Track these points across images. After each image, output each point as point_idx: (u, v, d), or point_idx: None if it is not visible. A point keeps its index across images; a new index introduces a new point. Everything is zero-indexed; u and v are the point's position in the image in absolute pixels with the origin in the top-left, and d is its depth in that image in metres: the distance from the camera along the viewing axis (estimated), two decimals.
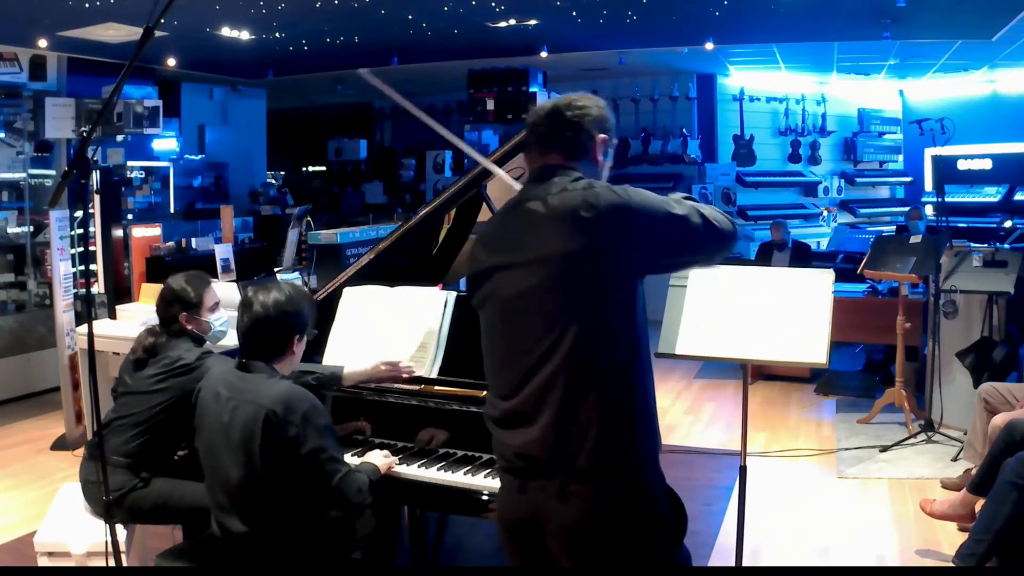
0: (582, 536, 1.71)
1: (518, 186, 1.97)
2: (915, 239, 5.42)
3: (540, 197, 1.82)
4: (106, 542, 2.30)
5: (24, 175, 6.91)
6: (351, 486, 2.31)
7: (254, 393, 2.29)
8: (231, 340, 4.07)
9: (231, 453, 2.30)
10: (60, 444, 5.13)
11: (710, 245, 1.88)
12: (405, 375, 2.65)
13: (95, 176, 5.80)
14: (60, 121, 6.56)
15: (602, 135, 1.92)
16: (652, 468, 1.78)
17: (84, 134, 6.03)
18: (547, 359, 1.73)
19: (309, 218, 5.84)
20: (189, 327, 2.96)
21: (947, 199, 6.02)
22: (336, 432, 2.39)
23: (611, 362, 1.73)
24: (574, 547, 1.72)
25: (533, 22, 6.77)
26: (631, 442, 1.73)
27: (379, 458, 2.47)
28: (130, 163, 7.59)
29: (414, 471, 2.49)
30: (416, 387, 2.66)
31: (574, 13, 6.46)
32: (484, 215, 3.16)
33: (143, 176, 7.96)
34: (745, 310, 2.64)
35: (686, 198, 1.91)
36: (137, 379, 2.91)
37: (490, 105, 7.70)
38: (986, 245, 5.42)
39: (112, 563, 2.31)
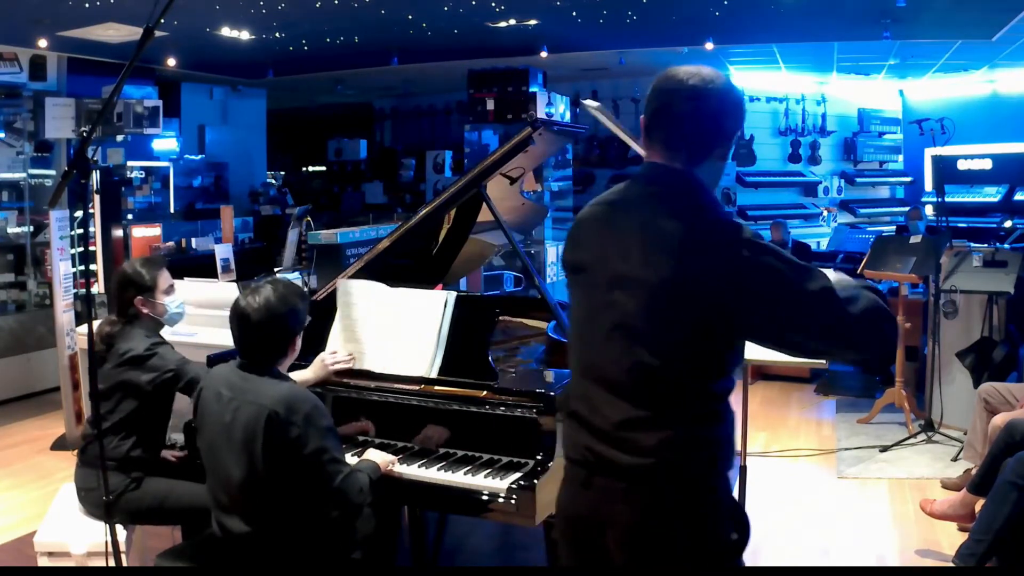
0: (641, 539, 1.64)
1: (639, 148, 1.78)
2: (915, 239, 5.42)
3: (648, 210, 1.65)
4: (106, 542, 2.31)
5: (24, 175, 6.91)
6: (352, 486, 2.31)
7: (256, 393, 2.28)
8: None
9: (233, 453, 2.29)
10: (60, 444, 5.13)
11: (846, 334, 1.59)
12: (345, 364, 2.68)
13: (95, 176, 5.81)
14: (60, 121, 6.56)
15: (738, 130, 1.72)
16: (721, 482, 1.69)
17: (84, 134, 6.02)
18: (627, 368, 1.65)
19: (309, 218, 5.83)
20: (145, 311, 2.94)
21: (947, 199, 6.01)
22: (337, 432, 2.38)
23: (691, 377, 1.64)
24: (632, 549, 1.66)
25: (533, 22, 6.77)
26: (702, 454, 1.65)
27: (379, 456, 2.48)
28: (130, 163, 7.59)
29: (414, 471, 2.49)
30: (416, 387, 2.65)
31: (574, 13, 6.45)
32: (484, 215, 3.16)
33: (143, 176, 7.95)
34: None
35: (866, 287, 1.65)
36: (101, 376, 2.89)
37: (490, 105, 7.69)
38: (986, 245, 5.42)
39: (112, 563, 2.31)
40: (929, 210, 9.27)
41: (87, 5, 5.58)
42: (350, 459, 2.53)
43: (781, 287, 1.57)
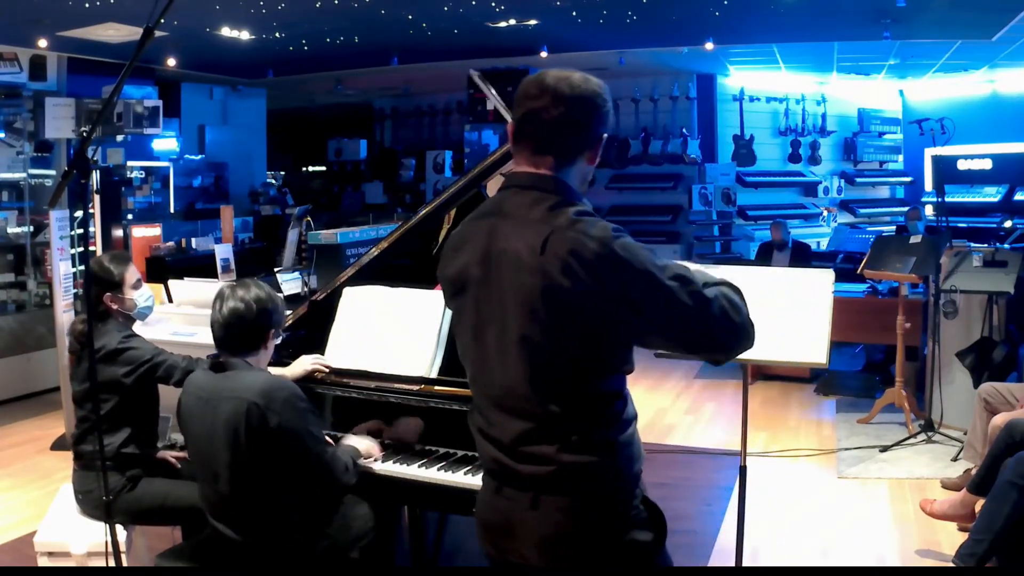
0: (555, 550, 1.66)
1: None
2: (915, 239, 5.42)
3: (518, 219, 1.63)
4: (106, 542, 2.31)
5: (24, 175, 6.91)
6: (338, 465, 2.39)
7: (233, 389, 2.34)
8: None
9: (218, 452, 2.33)
10: (60, 444, 5.13)
11: (709, 329, 1.61)
12: (323, 368, 2.73)
13: (95, 176, 5.80)
14: (60, 121, 6.56)
15: (605, 132, 1.68)
16: (629, 485, 1.68)
17: (84, 134, 6.03)
18: (516, 381, 1.64)
19: (309, 218, 5.83)
20: (114, 307, 2.94)
21: (947, 199, 6.01)
22: (317, 414, 2.46)
23: (582, 385, 1.63)
24: (547, 560, 1.67)
25: (533, 22, 6.77)
26: (605, 462, 1.64)
27: (361, 443, 2.54)
28: (130, 163, 7.60)
29: (414, 471, 2.49)
30: (416, 387, 2.66)
31: (574, 13, 6.46)
32: None
33: (143, 176, 7.96)
34: None
35: (708, 284, 1.63)
36: (78, 375, 2.91)
37: (490, 105, 7.70)
38: (986, 245, 5.42)
39: (112, 563, 2.31)
40: (929, 210, 9.27)
41: (87, 5, 5.58)
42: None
43: (638, 283, 1.55)
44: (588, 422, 1.63)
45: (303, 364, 2.74)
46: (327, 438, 2.54)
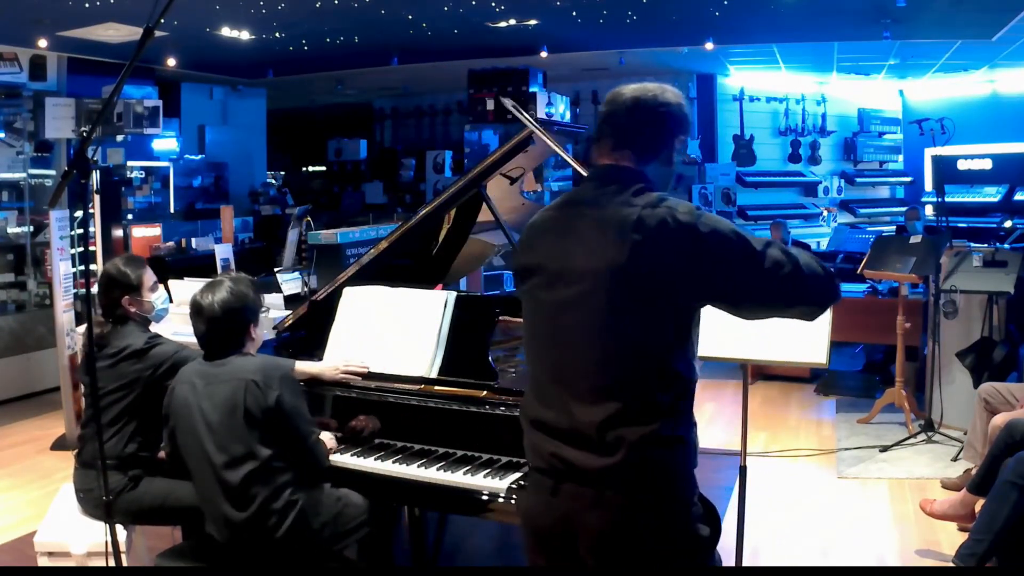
0: (614, 545, 1.66)
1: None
2: (915, 239, 5.42)
3: (601, 204, 1.71)
4: (106, 542, 2.30)
5: (24, 175, 6.91)
6: (322, 450, 2.50)
7: (230, 373, 2.43)
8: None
9: (214, 433, 2.39)
10: (60, 444, 5.13)
11: (789, 294, 1.70)
12: (357, 372, 2.72)
13: (95, 176, 5.79)
14: (60, 121, 6.56)
15: (681, 136, 1.82)
16: (688, 481, 1.71)
17: (84, 134, 6.03)
18: (593, 369, 1.68)
19: (309, 218, 5.84)
20: (132, 310, 2.96)
21: (947, 199, 6.02)
22: (305, 400, 2.55)
23: (656, 375, 1.66)
24: (604, 556, 1.67)
25: (533, 22, 6.77)
26: (668, 455, 1.67)
27: (326, 435, 2.61)
28: (130, 163, 7.60)
29: (414, 471, 2.49)
30: (416, 387, 2.66)
31: (574, 13, 6.45)
32: (484, 215, 3.16)
33: (143, 176, 7.95)
34: None
35: (783, 251, 1.71)
36: (101, 376, 2.89)
37: (490, 105, 7.71)
38: (986, 245, 5.42)
39: (112, 563, 2.31)
40: (929, 210, 9.27)
41: (87, 5, 5.58)
42: (352, 460, 2.56)
43: (730, 248, 1.65)
44: (662, 414, 1.66)
45: (333, 365, 2.71)
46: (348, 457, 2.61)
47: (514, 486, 2.33)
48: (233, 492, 2.37)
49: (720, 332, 2.65)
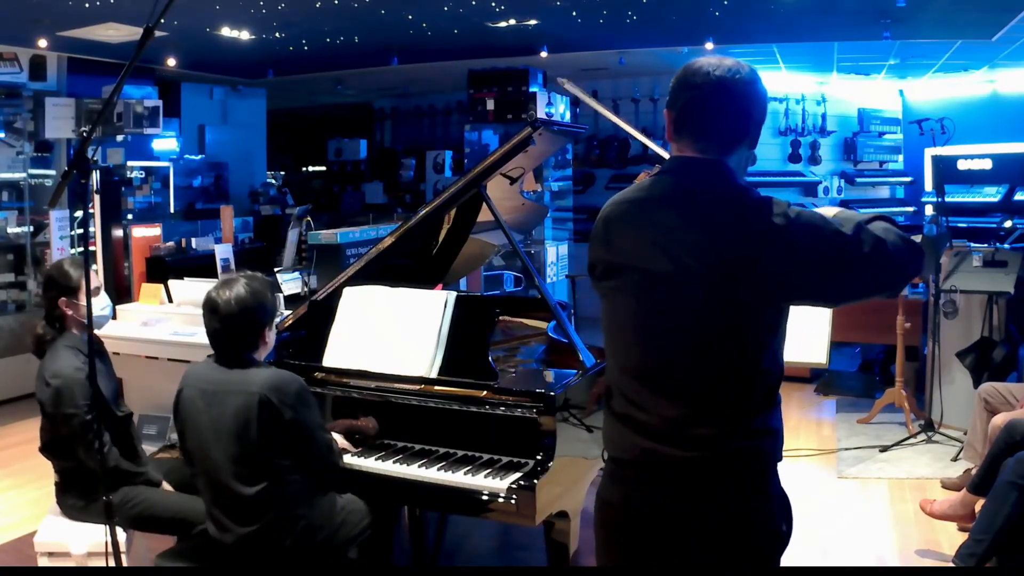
0: (697, 533, 1.63)
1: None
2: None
3: (687, 200, 1.65)
4: (106, 542, 2.30)
5: (24, 175, 6.90)
6: (335, 448, 2.50)
7: (240, 383, 2.34)
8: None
9: (223, 444, 2.34)
10: None
11: (880, 277, 1.66)
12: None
13: (95, 176, 5.80)
14: (60, 121, 6.56)
15: (763, 118, 1.73)
16: (772, 474, 1.70)
17: (84, 134, 6.02)
18: (681, 367, 1.65)
19: (309, 218, 5.84)
20: (69, 312, 2.84)
21: (947, 199, 6.01)
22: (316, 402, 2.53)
23: (745, 371, 1.64)
24: (687, 545, 1.64)
25: (533, 22, 6.77)
26: (754, 447, 1.65)
27: (338, 437, 2.62)
28: (130, 163, 7.59)
29: (414, 471, 2.49)
30: (416, 387, 2.66)
31: (574, 13, 6.45)
32: (484, 215, 3.16)
33: (143, 176, 7.94)
34: None
35: (879, 217, 1.72)
36: (39, 387, 2.80)
37: (490, 105, 7.70)
38: (986, 245, 5.42)
39: (112, 563, 2.31)
40: (929, 210, 9.26)
41: (87, 5, 5.58)
42: (353, 459, 2.56)
43: (824, 243, 1.59)
44: (752, 406, 1.64)
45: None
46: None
47: (514, 486, 2.33)
48: (240, 505, 2.35)
49: None
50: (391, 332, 2.76)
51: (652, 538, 1.66)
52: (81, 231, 5.83)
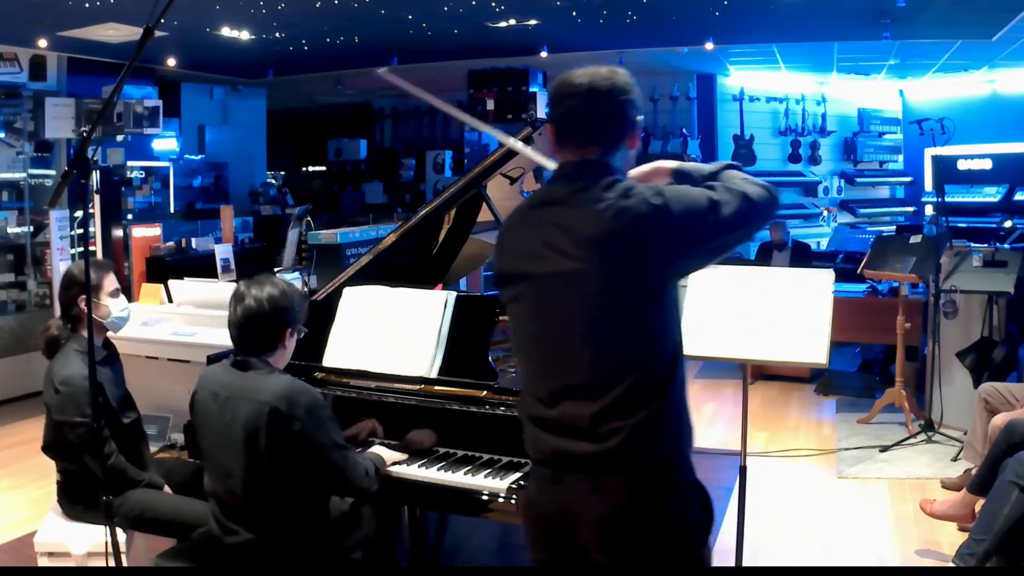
0: (613, 528, 1.69)
1: (551, 164, 1.86)
2: (915, 239, 5.42)
3: (575, 203, 1.71)
4: (106, 542, 2.30)
5: (24, 175, 6.90)
6: (358, 471, 2.37)
7: (253, 390, 2.29)
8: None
9: (234, 451, 2.30)
10: None
11: (751, 226, 1.82)
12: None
13: (95, 176, 5.81)
14: (60, 121, 6.56)
15: (640, 116, 1.81)
16: (684, 464, 1.76)
17: (84, 134, 6.03)
18: (582, 364, 1.71)
19: (309, 218, 5.85)
20: (86, 311, 2.79)
21: (947, 199, 6.01)
22: (335, 419, 2.42)
23: (645, 362, 1.70)
24: (604, 539, 1.71)
25: (533, 22, 6.77)
26: (663, 438, 1.72)
27: (387, 453, 2.52)
28: (130, 163, 7.59)
29: (414, 471, 2.49)
30: (416, 387, 2.66)
31: (574, 13, 6.45)
32: (484, 215, 3.16)
33: (143, 176, 7.95)
34: (745, 310, 2.64)
35: (728, 166, 1.86)
36: (46, 390, 2.81)
37: (490, 105, 7.71)
38: (986, 245, 5.42)
39: (112, 563, 2.31)
40: (929, 210, 9.26)
41: (87, 5, 5.58)
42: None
43: (704, 220, 1.71)
44: (653, 399, 1.69)
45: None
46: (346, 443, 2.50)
47: (514, 486, 2.33)
48: (247, 509, 2.33)
49: (720, 332, 2.65)
50: (391, 332, 2.76)
51: (569, 534, 1.74)
52: (81, 231, 5.83)
